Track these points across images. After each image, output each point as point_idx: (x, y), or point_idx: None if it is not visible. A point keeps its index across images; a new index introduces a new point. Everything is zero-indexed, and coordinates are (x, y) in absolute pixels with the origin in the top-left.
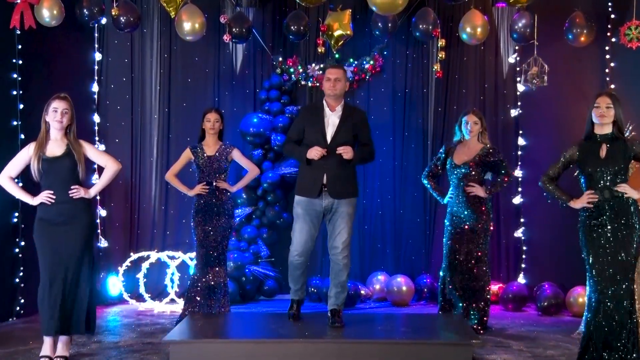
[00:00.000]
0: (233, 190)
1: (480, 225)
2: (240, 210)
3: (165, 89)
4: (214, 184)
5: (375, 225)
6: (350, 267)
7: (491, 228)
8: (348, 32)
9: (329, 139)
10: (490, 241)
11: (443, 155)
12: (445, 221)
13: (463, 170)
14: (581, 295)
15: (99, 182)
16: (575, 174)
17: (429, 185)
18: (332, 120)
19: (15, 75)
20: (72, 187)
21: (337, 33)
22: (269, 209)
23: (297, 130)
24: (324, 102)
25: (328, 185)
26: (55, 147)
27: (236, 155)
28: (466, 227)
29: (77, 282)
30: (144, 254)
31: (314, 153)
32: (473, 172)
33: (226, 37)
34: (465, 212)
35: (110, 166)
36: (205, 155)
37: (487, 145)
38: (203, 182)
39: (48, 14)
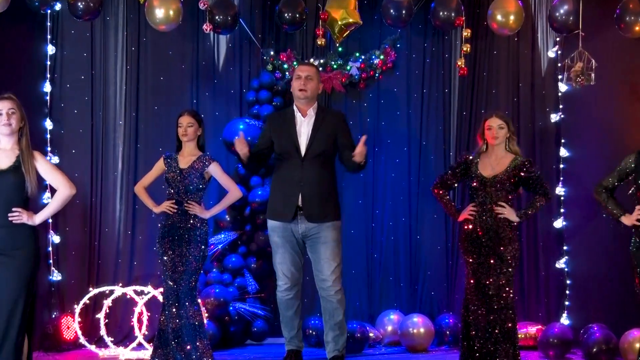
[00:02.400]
0: (206, 215)
1: (508, 253)
2: (223, 236)
3: (132, 89)
4: (184, 204)
5: (387, 254)
6: (345, 302)
7: (518, 255)
8: (352, 20)
9: (302, 149)
10: (527, 273)
11: (462, 164)
12: (464, 246)
13: (489, 185)
14: (638, 340)
15: (46, 208)
16: (630, 191)
17: (438, 197)
18: (304, 127)
19: None
20: (14, 209)
21: (342, 21)
22: (258, 233)
23: (260, 142)
24: (293, 107)
25: (304, 207)
26: (3, 157)
27: (215, 170)
28: (490, 255)
29: (5, 331)
30: (105, 288)
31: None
32: (502, 188)
33: (206, 27)
34: (490, 236)
35: (62, 191)
36: (177, 168)
37: (519, 156)
38: (172, 199)
39: None
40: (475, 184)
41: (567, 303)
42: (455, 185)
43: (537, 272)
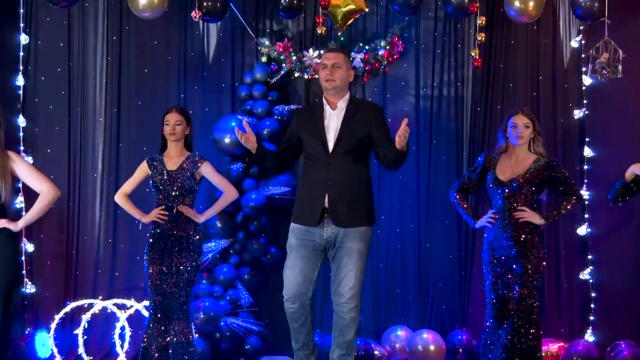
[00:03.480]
0: (200, 220)
1: (531, 262)
2: (213, 244)
3: (114, 83)
4: (175, 209)
5: (394, 264)
6: (359, 321)
7: (544, 264)
8: (356, 7)
9: (330, 146)
10: (548, 286)
11: (481, 166)
12: (483, 256)
13: (509, 188)
14: None
15: (29, 213)
16: None
17: (456, 203)
18: (333, 121)
19: None
20: None
21: (345, 8)
22: (252, 241)
23: (286, 139)
24: (323, 100)
25: (331, 209)
26: None
27: (207, 170)
28: (512, 265)
29: None
30: (84, 302)
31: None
32: (523, 192)
33: (195, 14)
34: (511, 244)
35: (47, 194)
36: (165, 170)
37: (543, 157)
38: (161, 205)
39: None
40: (491, 187)
41: (592, 318)
42: (474, 189)
43: (559, 285)
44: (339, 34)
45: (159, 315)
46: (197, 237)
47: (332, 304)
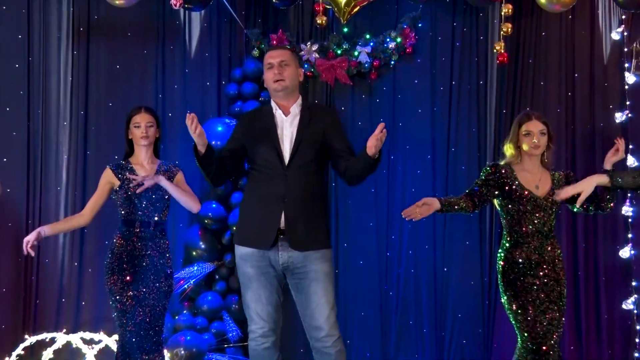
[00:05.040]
0: (161, 182)
1: (561, 279)
2: (196, 268)
3: (81, 81)
4: (137, 227)
5: (405, 291)
6: (346, 353)
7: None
8: None
9: (286, 157)
10: (586, 316)
11: (493, 176)
12: (499, 277)
13: (545, 207)
14: None
15: None
16: None
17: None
18: (287, 129)
19: None
20: None
21: None
22: None
23: (228, 147)
24: (272, 104)
25: (288, 230)
26: None
27: (179, 180)
28: (536, 281)
29: None
30: (45, 336)
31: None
32: (556, 209)
33: (175, 1)
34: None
35: None
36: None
37: (556, 172)
38: (128, 220)
39: None
40: (525, 206)
41: (636, 354)
42: (488, 198)
43: (599, 315)
44: (342, 23)
45: (127, 350)
46: (169, 255)
47: (310, 342)
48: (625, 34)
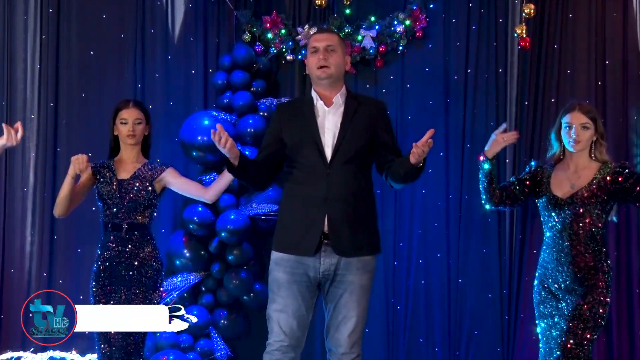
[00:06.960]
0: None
1: (599, 297)
2: (179, 279)
3: (50, 70)
4: (124, 230)
5: (415, 305)
6: None
7: (608, 300)
8: None
9: (328, 153)
10: (618, 336)
11: (532, 176)
12: (534, 295)
13: (569, 208)
14: None
15: None
16: None
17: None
18: (329, 121)
19: None
20: None
21: None
22: (230, 276)
23: (267, 143)
24: (312, 94)
25: (332, 235)
26: None
27: (170, 177)
28: (576, 300)
29: None
30: (10, 355)
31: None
32: (588, 210)
33: None
34: (572, 274)
35: None
36: (115, 178)
37: (610, 163)
38: (111, 223)
39: None
40: (547, 206)
41: None
42: (522, 197)
43: (632, 335)
44: (344, 4)
45: None
46: (157, 266)
47: (327, 354)
48: None
